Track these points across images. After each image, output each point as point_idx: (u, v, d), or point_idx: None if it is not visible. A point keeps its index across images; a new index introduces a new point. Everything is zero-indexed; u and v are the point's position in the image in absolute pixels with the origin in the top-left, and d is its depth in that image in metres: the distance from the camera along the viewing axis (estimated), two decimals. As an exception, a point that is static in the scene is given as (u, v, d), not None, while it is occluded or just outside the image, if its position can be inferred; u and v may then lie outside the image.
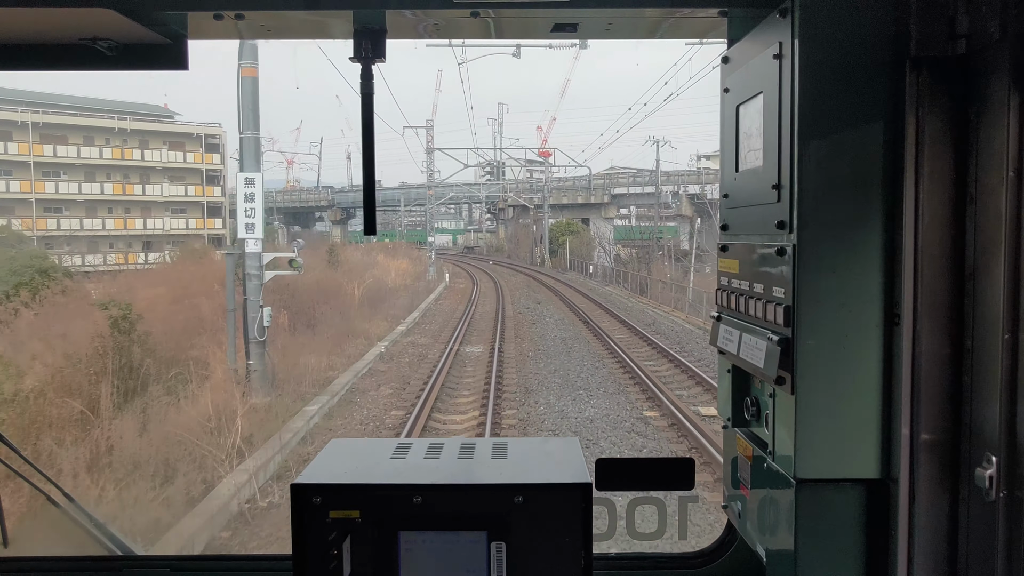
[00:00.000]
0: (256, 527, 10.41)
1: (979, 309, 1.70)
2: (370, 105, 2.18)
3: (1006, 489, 1.63)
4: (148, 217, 77.76)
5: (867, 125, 1.80)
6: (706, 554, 2.51)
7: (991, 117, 1.65)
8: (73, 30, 2.11)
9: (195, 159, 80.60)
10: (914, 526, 1.79)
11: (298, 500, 1.78)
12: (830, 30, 1.79)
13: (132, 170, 77.52)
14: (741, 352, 2.13)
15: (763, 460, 2.07)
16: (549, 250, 73.16)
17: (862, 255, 1.83)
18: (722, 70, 2.33)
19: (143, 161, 77.65)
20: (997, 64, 1.62)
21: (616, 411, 15.96)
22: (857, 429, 1.85)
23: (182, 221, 79.14)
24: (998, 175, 1.63)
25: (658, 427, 14.71)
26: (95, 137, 75.70)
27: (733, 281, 2.25)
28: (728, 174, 2.29)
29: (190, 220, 79.71)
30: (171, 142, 79.78)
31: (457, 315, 33.45)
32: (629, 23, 2.19)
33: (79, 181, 74.23)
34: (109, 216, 76.03)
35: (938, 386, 1.77)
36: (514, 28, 2.29)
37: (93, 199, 75.17)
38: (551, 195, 77.56)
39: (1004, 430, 1.63)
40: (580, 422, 15.14)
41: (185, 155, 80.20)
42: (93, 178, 75.61)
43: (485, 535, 1.77)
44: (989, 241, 1.67)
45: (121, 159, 76.71)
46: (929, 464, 1.78)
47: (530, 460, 2.01)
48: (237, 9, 2.02)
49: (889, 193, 1.81)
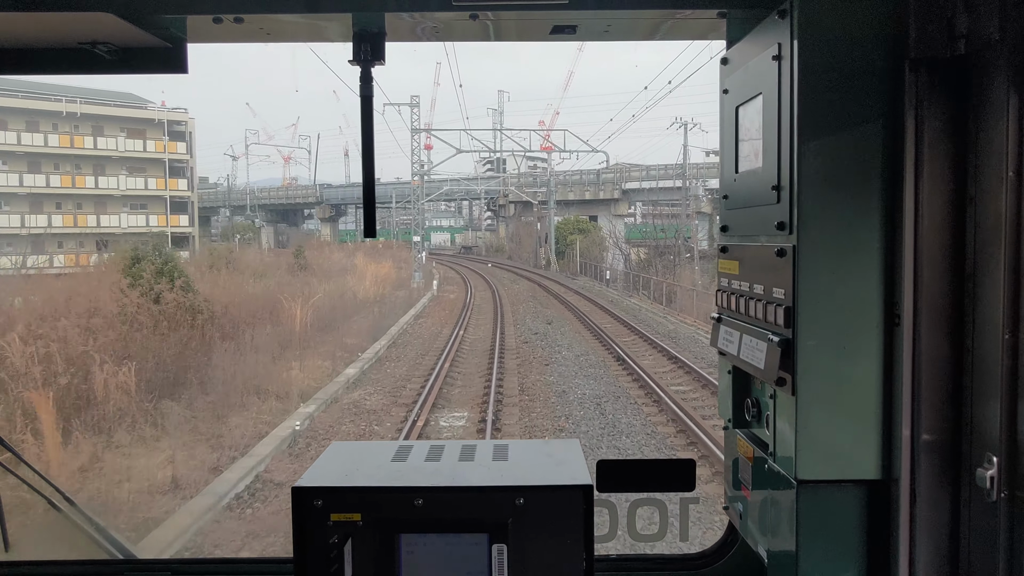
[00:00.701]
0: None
1: (979, 309, 1.72)
2: (370, 107, 2.21)
3: (1007, 489, 1.65)
4: (103, 213, 69.17)
5: (866, 126, 1.82)
6: (708, 555, 2.52)
7: (990, 117, 1.67)
8: (73, 34, 2.14)
9: (157, 148, 71.83)
10: (915, 527, 1.80)
11: (299, 503, 1.81)
12: (829, 31, 1.81)
13: (84, 160, 68.97)
14: (742, 353, 2.14)
15: (764, 461, 2.08)
16: (556, 251, 62.99)
17: (862, 256, 1.84)
18: (721, 71, 2.33)
19: (96, 150, 69.10)
20: (996, 65, 1.64)
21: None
22: (858, 430, 1.86)
23: (142, 218, 70.56)
24: (997, 175, 1.65)
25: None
26: (40, 122, 66.78)
27: (733, 282, 2.27)
28: (728, 175, 2.31)
29: (151, 216, 71.10)
30: (129, 129, 71.18)
31: (438, 345, 23.77)
32: (628, 25, 2.23)
33: (20, 172, 65.38)
34: (57, 212, 67.38)
35: (938, 386, 1.78)
36: (513, 30, 2.28)
37: (38, 192, 66.24)
38: (556, 191, 68.06)
39: (1005, 430, 1.64)
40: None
41: (146, 143, 71.55)
42: (38, 168, 66.94)
43: (486, 537, 1.78)
44: (989, 241, 1.69)
45: (71, 147, 67.95)
46: (930, 465, 1.79)
47: (531, 462, 2.03)
48: (236, 13, 2.04)
49: (888, 194, 1.82)
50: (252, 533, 9.30)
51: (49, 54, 2.26)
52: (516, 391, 17.10)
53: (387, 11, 2.03)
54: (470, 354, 22.21)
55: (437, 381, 17.85)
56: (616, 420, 14.54)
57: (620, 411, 15.20)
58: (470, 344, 24.07)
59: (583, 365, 20.16)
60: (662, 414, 14.86)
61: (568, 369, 19.56)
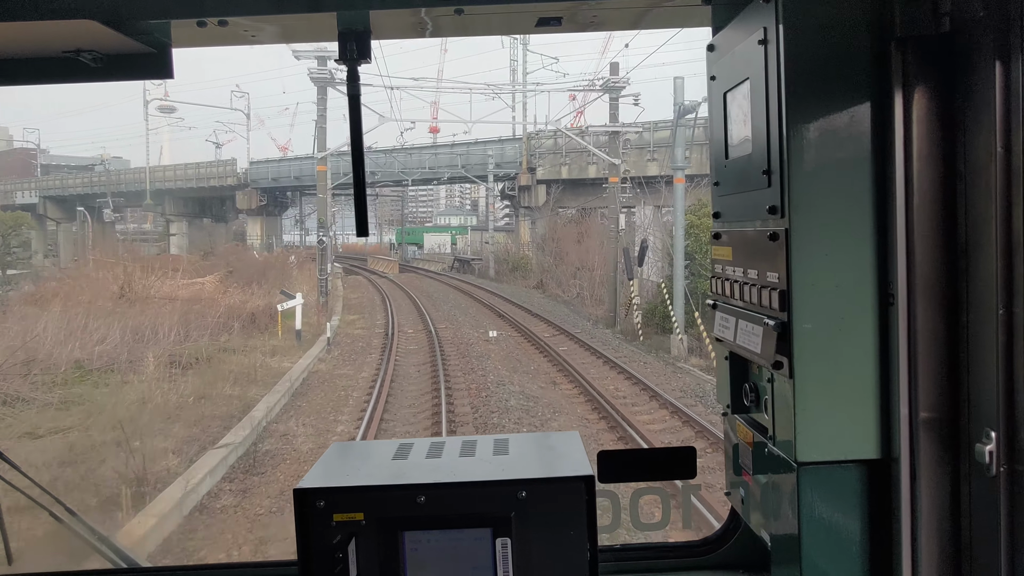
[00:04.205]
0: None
1: (973, 285, 1.73)
2: (357, 106, 2.20)
3: (1006, 463, 1.66)
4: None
5: (855, 106, 1.83)
6: (711, 542, 2.53)
7: (978, 93, 1.67)
8: (57, 43, 2.13)
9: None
10: (916, 504, 1.81)
11: (301, 504, 1.81)
12: (814, 13, 1.81)
13: None
14: (738, 339, 2.14)
15: (764, 445, 2.09)
16: (687, 288, 26.11)
17: (854, 236, 1.84)
18: (708, 58, 2.35)
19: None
20: (982, 40, 1.66)
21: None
22: (856, 410, 1.87)
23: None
24: (987, 151, 1.66)
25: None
26: None
27: (727, 268, 2.27)
28: (718, 161, 2.32)
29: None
30: None
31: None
32: (613, 14, 2.23)
33: None
34: None
35: (935, 364, 1.79)
36: (498, 24, 2.30)
37: None
38: (626, 154, 37.53)
39: (1003, 405, 1.66)
40: None
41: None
42: None
43: (490, 532, 1.79)
44: (980, 217, 1.69)
45: None
46: (929, 442, 1.80)
47: (532, 455, 2.04)
48: (220, 16, 2.03)
49: (879, 173, 1.83)
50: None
51: (33, 64, 2.25)
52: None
53: (372, 8, 2.03)
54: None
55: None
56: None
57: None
58: None
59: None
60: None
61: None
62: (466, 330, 27.76)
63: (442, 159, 60.06)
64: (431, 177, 63.64)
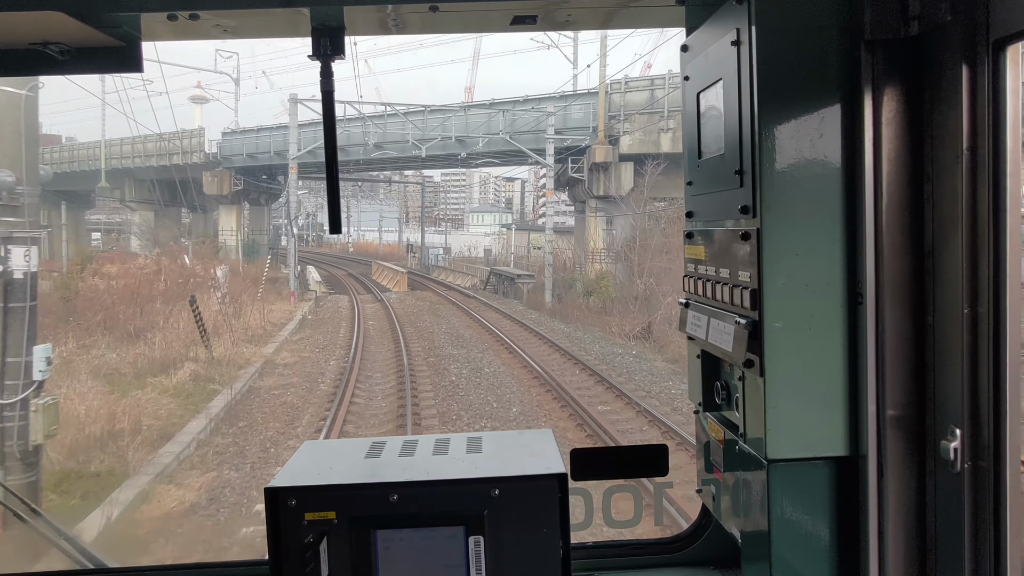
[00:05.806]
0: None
1: (939, 285, 1.75)
2: (331, 103, 2.18)
3: (970, 460, 1.69)
4: None
5: (825, 108, 1.85)
6: (682, 539, 2.54)
7: (944, 96, 1.70)
8: (23, 35, 2.10)
9: None
10: (883, 500, 1.84)
11: (273, 503, 1.80)
12: (786, 15, 1.83)
13: None
14: (710, 337, 2.15)
15: (735, 443, 2.10)
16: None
17: (824, 236, 1.87)
18: (681, 58, 2.35)
19: None
20: (949, 44, 1.67)
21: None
22: (825, 408, 1.90)
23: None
24: (953, 153, 1.68)
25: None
26: None
27: (700, 267, 2.28)
28: (691, 161, 2.32)
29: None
30: None
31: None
32: (588, 14, 2.22)
33: None
34: None
35: (902, 362, 1.81)
36: (473, 22, 2.28)
37: None
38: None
39: (967, 403, 1.68)
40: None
41: None
42: None
43: (463, 530, 1.78)
44: (946, 218, 1.72)
45: None
46: (896, 439, 1.83)
47: (505, 453, 2.03)
48: (191, 9, 2.01)
49: (849, 174, 1.85)
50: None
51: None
52: None
53: (346, 4, 2.02)
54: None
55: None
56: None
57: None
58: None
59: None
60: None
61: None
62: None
63: (476, 125, 39.83)
64: (456, 152, 42.01)
